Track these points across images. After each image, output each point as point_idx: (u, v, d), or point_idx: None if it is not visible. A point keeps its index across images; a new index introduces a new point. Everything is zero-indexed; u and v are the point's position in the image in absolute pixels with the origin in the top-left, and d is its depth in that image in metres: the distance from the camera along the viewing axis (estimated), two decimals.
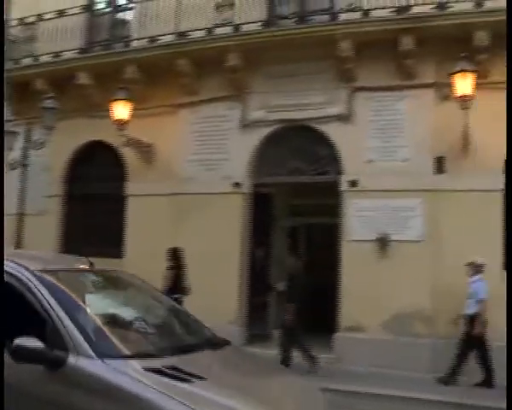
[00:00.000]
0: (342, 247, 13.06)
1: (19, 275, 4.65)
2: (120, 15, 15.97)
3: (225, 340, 5.47)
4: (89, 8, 16.01)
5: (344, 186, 13.18)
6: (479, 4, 12.23)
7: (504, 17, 11.92)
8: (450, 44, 12.26)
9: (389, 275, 12.36)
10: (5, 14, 13.35)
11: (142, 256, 13.62)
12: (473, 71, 11.78)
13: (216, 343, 5.32)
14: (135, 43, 15.03)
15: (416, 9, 12.57)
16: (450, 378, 11.24)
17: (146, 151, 14.79)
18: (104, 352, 4.24)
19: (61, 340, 4.24)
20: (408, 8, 12.62)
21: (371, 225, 12.81)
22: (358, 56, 13.07)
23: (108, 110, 14.09)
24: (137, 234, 14.57)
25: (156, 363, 4.31)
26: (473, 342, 11.24)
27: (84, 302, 4.83)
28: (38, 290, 4.51)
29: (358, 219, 12.97)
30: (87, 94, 15.34)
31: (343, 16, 13.20)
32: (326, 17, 13.57)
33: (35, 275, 4.66)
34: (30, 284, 4.57)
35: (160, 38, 14.40)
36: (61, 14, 15.43)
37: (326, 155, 13.67)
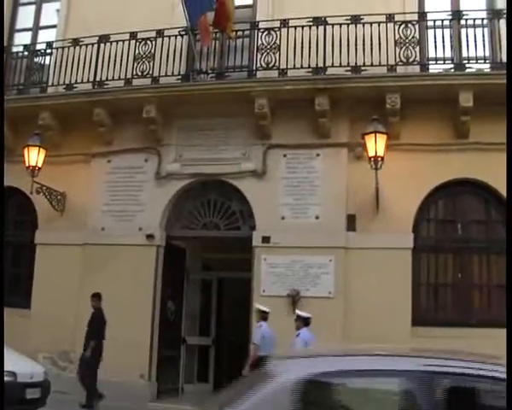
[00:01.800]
0: (254, 301, 12.93)
1: None
2: (38, 60, 15.60)
3: None
4: (6, 50, 15.57)
5: (256, 242, 13.17)
6: (391, 69, 12.64)
7: (415, 82, 12.48)
8: (363, 106, 12.60)
9: None
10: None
11: (50, 306, 13.47)
12: (384, 132, 12.05)
13: None
14: (51, 90, 14.73)
15: (331, 71, 12.88)
16: None
17: (58, 199, 14.45)
18: None
19: None
20: (324, 69, 12.92)
21: (283, 280, 12.82)
22: (274, 114, 13.29)
23: (21, 156, 13.72)
24: (46, 284, 14.07)
25: None
26: None
27: None
28: None
29: (270, 275, 12.95)
30: None
31: (260, 74, 13.39)
32: (244, 74, 13.77)
33: None
34: None
35: (78, 85, 14.22)
36: None
37: (240, 211, 13.73)
